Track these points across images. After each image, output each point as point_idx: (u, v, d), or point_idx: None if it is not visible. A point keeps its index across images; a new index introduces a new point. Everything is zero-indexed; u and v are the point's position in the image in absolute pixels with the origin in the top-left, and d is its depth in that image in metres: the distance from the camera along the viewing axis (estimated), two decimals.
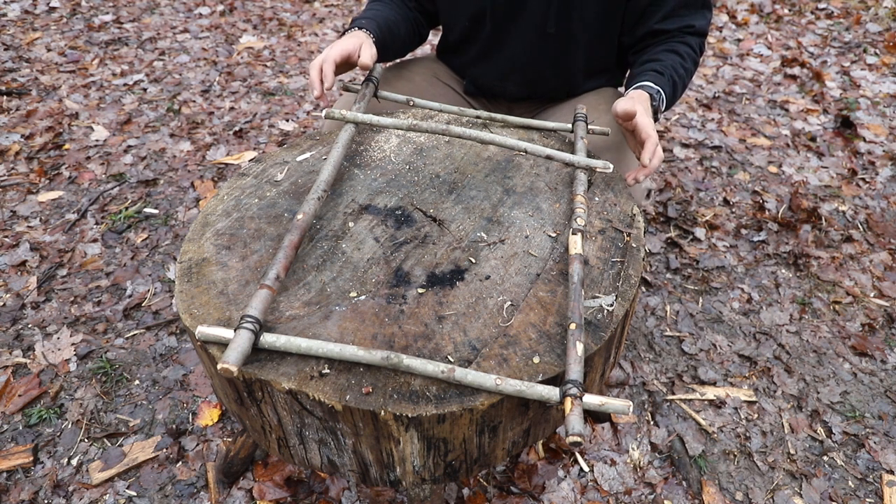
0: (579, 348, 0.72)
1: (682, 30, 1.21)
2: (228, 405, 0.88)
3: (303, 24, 3.41)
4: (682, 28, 1.21)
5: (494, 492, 1.23)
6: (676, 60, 1.18)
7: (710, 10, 1.24)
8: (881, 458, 1.32)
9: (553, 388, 0.69)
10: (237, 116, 2.51)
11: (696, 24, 1.21)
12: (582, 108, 1.18)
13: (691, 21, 1.20)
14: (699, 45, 1.23)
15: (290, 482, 1.23)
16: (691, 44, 1.21)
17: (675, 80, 1.16)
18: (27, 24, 3.28)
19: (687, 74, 1.20)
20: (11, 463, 1.27)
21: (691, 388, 1.46)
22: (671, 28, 1.20)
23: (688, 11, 1.20)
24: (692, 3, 1.20)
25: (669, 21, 1.20)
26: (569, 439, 0.63)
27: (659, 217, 2.00)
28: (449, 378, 0.69)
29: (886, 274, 1.79)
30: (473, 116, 1.19)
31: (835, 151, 2.35)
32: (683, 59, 1.19)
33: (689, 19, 1.20)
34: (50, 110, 2.50)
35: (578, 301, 0.78)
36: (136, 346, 1.53)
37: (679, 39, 1.21)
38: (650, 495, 1.25)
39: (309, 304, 0.81)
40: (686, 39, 1.21)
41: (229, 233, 0.93)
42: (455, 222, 0.95)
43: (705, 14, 1.22)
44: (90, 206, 1.99)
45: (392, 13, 1.29)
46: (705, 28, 1.23)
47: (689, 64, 1.20)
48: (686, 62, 1.20)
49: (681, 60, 1.18)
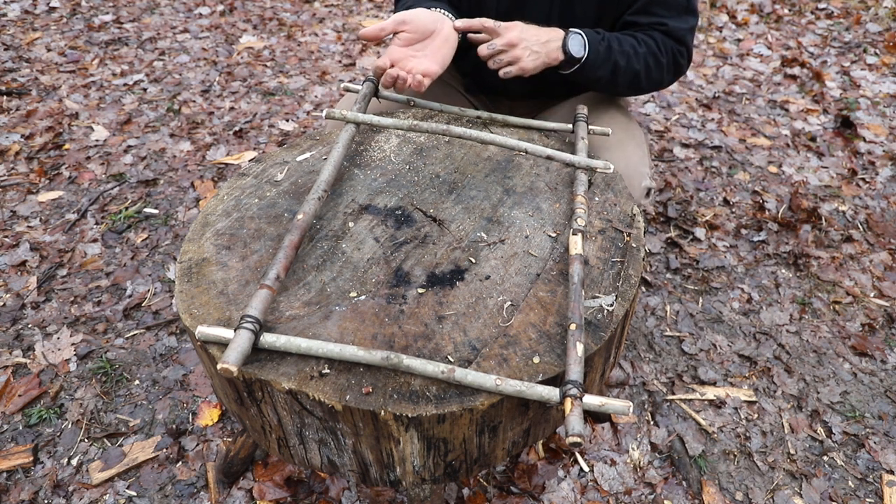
0: (579, 349, 0.72)
1: (653, 25, 1.18)
2: (228, 405, 0.88)
3: (303, 24, 3.41)
4: (653, 24, 1.18)
5: (494, 492, 1.23)
6: (628, 40, 1.16)
7: (695, 16, 1.20)
8: (881, 458, 1.32)
9: (553, 389, 0.69)
10: (237, 116, 2.51)
11: (669, 23, 1.18)
12: (583, 108, 1.18)
13: (664, 19, 1.18)
14: (667, 45, 1.19)
15: (290, 482, 1.23)
16: (655, 38, 1.18)
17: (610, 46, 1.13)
18: (27, 24, 3.28)
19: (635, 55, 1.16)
20: (11, 463, 1.27)
21: (691, 388, 1.46)
22: (642, 22, 1.18)
23: (664, 11, 1.18)
24: (672, 4, 1.17)
25: (642, 15, 1.18)
26: (569, 440, 0.63)
27: (659, 217, 2.00)
28: (449, 378, 0.69)
29: (886, 274, 1.79)
30: (474, 117, 1.19)
31: (835, 151, 2.35)
32: (637, 42, 1.17)
33: (661, 17, 1.18)
34: (50, 110, 2.50)
35: (578, 301, 0.78)
36: (136, 346, 1.53)
37: (645, 32, 1.19)
38: (650, 495, 1.25)
39: (309, 304, 0.81)
40: (652, 34, 1.18)
41: (229, 233, 0.93)
42: (455, 222, 0.95)
43: (687, 19, 1.19)
44: (90, 206, 1.99)
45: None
46: (680, 31, 1.19)
47: (642, 49, 1.17)
48: (639, 46, 1.16)
49: (633, 42, 1.16)
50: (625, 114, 1.30)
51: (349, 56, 3.04)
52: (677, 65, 1.22)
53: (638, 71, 1.17)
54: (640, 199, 1.19)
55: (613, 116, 1.26)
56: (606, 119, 1.25)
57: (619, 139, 1.20)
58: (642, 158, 1.21)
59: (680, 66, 1.22)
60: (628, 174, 1.17)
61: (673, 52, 1.19)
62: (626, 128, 1.25)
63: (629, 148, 1.20)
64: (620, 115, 1.27)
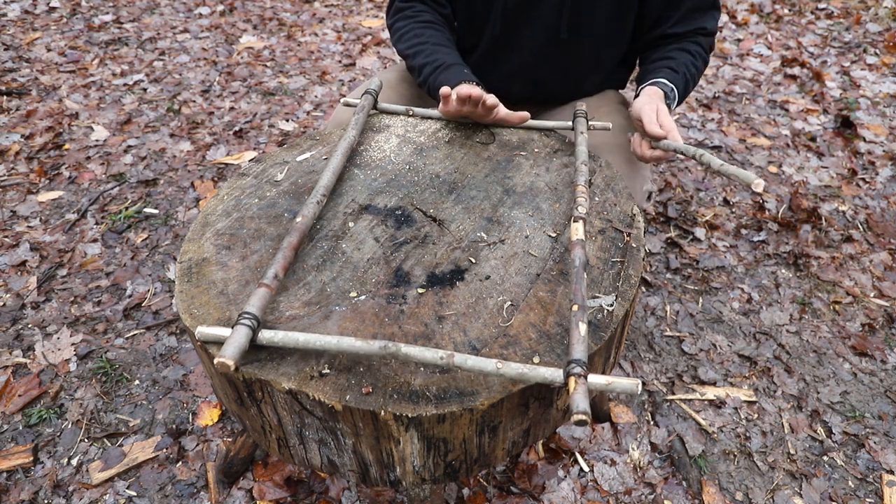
0: (582, 328, 0.72)
1: (694, 31, 1.24)
2: (228, 405, 0.88)
3: (303, 24, 3.41)
4: (694, 30, 1.24)
5: (494, 492, 1.23)
6: (688, 59, 1.22)
7: (719, 10, 1.27)
8: (881, 458, 1.32)
9: (556, 370, 0.68)
10: (237, 116, 2.51)
11: (707, 25, 1.24)
12: (582, 104, 1.18)
13: (703, 23, 1.24)
14: (709, 45, 1.27)
15: (290, 482, 1.23)
16: (702, 44, 1.25)
17: (686, 79, 1.20)
18: (27, 24, 3.28)
19: (697, 73, 1.24)
20: (11, 463, 1.27)
21: (691, 388, 1.46)
22: (683, 31, 1.24)
23: (699, 14, 1.24)
24: (703, 6, 1.23)
25: (681, 25, 1.24)
26: (574, 418, 0.62)
27: (659, 217, 2.00)
28: (448, 364, 0.68)
29: (886, 274, 1.79)
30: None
31: (835, 151, 2.35)
32: (694, 58, 1.23)
33: (700, 22, 1.24)
34: (50, 110, 2.50)
35: (580, 283, 0.78)
36: (136, 346, 1.53)
37: (691, 40, 1.25)
38: (650, 495, 1.25)
39: (309, 304, 0.81)
40: (697, 40, 1.25)
41: (229, 233, 0.93)
42: (455, 222, 0.95)
43: (714, 15, 1.26)
44: (90, 206, 1.99)
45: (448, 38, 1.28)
46: (715, 28, 1.26)
47: (700, 63, 1.24)
48: (697, 61, 1.23)
49: (692, 59, 1.22)
50: (626, 116, 1.31)
51: (349, 56, 3.04)
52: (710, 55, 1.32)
53: (696, 82, 1.26)
54: (641, 202, 1.20)
55: (615, 121, 1.27)
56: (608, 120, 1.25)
57: (620, 143, 1.20)
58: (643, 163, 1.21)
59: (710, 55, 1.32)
60: (630, 176, 1.17)
61: (710, 47, 1.28)
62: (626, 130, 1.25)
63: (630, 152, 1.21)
64: (621, 117, 1.28)
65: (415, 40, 1.24)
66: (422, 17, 1.27)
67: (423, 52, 1.21)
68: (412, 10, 1.28)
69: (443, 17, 1.30)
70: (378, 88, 1.21)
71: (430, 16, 1.28)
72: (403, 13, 1.29)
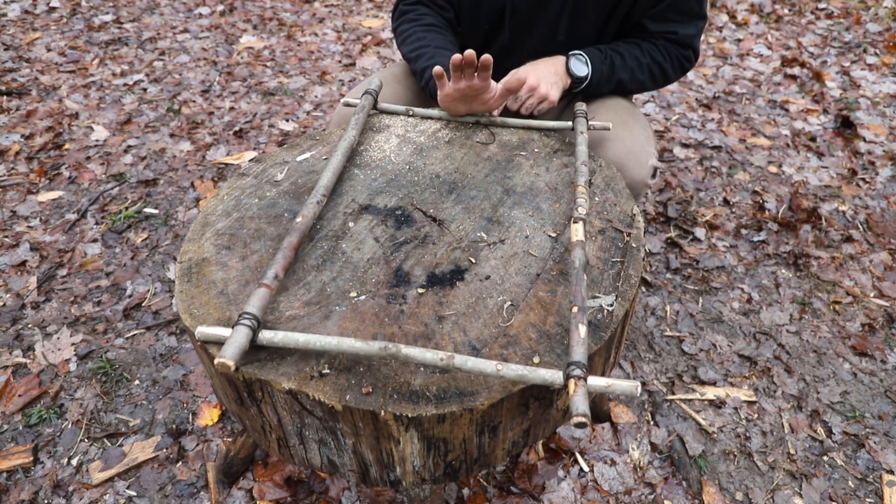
0: (582, 330, 0.72)
1: (663, 34, 1.22)
2: (228, 405, 0.88)
3: (303, 24, 3.41)
4: (664, 32, 1.22)
5: (494, 492, 1.23)
6: (631, 50, 1.21)
7: (703, 19, 1.23)
8: (881, 458, 1.32)
9: (556, 372, 0.68)
10: (237, 116, 2.51)
11: (679, 31, 1.21)
12: (581, 104, 1.18)
13: (674, 28, 1.21)
14: (676, 53, 1.23)
15: (290, 482, 1.23)
16: (661, 48, 1.23)
17: (613, 62, 1.19)
18: (27, 24, 3.28)
19: (639, 67, 1.22)
20: (11, 463, 1.27)
21: (691, 388, 1.46)
22: (653, 29, 1.22)
23: (675, 16, 1.21)
24: (685, 10, 1.20)
25: (654, 21, 1.21)
26: (574, 420, 0.62)
27: (659, 217, 2.00)
28: (448, 365, 0.68)
29: (886, 274, 1.79)
30: (474, 120, 1.19)
31: (835, 151, 2.35)
32: (642, 52, 1.21)
33: (674, 25, 1.21)
34: (50, 110, 2.50)
35: (580, 285, 0.78)
36: (136, 346, 1.53)
37: (652, 41, 1.23)
38: (650, 495, 1.25)
39: (309, 304, 0.81)
40: (660, 44, 1.23)
41: (229, 233, 0.93)
42: (455, 222, 0.95)
43: (696, 24, 1.22)
44: (90, 206, 1.99)
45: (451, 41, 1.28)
46: (690, 38, 1.22)
47: (647, 59, 1.22)
48: (643, 56, 1.21)
49: (637, 52, 1.21)
50: (628, 99, 1.32)
51: (349, 56, 3.04)
52: (683, 67, 1.28)
53: (643, 80, 1.25)
54: (646, 178, 1.19)
55: (617, 101, 1.28)
56: (610, 104, 1.26)
57: (623, 121, 1.21)
58: (648, 139, 1.22)
59: (685, 66, 1.28)
60: (635, 152, 1.17)
61: (679, 56, 1.25)
62: (631, 112, 1.26)
63: (635, 129, 1.21)
64: (624, 99, 1.29)
65: (417, 44, 1.24)
66: (424, 21, 1.28)
67: (426, 55, 1.22)
68: (415, 14, 1.29)
69: (446, 20, 1.31)
70: (378, 88, 1.21)
71: (433, 19, 1.28)
72: (407, 16, 1.29)
